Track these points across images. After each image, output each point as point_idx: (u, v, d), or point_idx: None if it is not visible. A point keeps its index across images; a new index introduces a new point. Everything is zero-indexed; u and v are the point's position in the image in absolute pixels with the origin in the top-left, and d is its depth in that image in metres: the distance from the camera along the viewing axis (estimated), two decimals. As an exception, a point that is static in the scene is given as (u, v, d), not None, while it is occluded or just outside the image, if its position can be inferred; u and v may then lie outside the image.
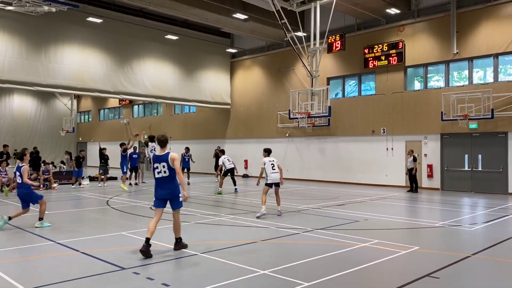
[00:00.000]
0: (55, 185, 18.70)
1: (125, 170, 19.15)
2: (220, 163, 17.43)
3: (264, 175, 11.39)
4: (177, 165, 7.12)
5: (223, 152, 19.30)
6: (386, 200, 14.82)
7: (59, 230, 9.38)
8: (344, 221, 10.45)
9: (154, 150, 17.79)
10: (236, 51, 27.41)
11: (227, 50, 27.18)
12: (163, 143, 7.27)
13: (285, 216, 11.39)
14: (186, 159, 21.29)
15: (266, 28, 22.60)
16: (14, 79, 18.64)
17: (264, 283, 5.72)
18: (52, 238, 8.37)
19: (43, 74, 19.40)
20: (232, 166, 17.29)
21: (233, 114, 27.73)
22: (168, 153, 7.14)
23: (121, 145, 20.02)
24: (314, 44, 18.60)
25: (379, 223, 10.38)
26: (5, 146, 20.07)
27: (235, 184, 17.32)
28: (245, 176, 26.18)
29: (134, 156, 20.44)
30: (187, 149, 21.85)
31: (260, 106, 26.01)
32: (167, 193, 7.23)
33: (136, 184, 20.29)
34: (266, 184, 11.21)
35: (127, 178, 19.52)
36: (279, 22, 18.17)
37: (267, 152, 11.69)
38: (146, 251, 6.84)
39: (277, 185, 11.31)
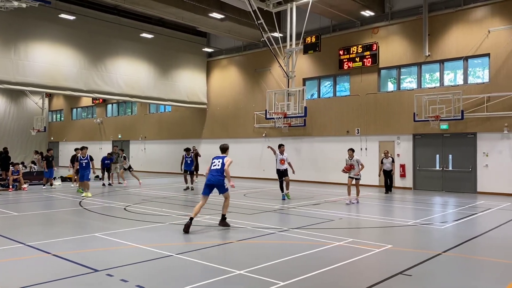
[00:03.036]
0: (25, 185, 18.18)
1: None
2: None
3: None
4: (228, 164, 9.50)
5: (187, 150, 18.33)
6: (360, 200, 15.05)
7: (29, 232, 9.13)
8: (319, 221, 10.56)
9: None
10: (212, 50, 27.30)
11: (203, 49, 27.04)
12: (224, 150, 10.14)
13: (261, 216, 11.43)
14: (189, 161, 18.44)
15: (243, 28, 22.61)
16: (-19, 77, 18.05)
17: (240, 283, 5.72)
18: (22, 240, 8.14)
19: (12, 71, 18.84)
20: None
21: (210, 114, 27.62)
22: (225, 156, 9.86)
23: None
24: (290, 45, 18.73)
25: (353, 222, 10.53)
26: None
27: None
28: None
29: (106, 161, 20.46)
30: (188, 150, 18.72)
31: (236, 106, 25.99)
32: (215, 180, 9.45)
33: (109, 184, 19.98)
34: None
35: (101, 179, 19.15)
36: (256, 23, 18.22)
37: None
38: (186, 226, 8.95)
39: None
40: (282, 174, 14.75)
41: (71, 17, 20.39)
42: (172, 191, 17.81)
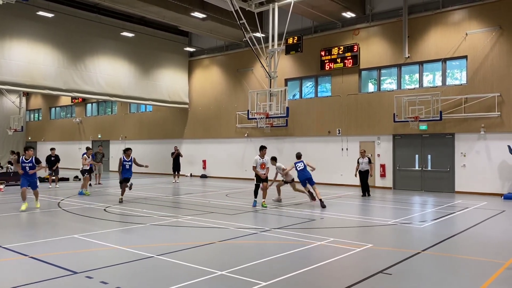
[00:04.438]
0: (1, 186, 17.74)
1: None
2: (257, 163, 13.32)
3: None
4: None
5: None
6: (341, 199, 15.18)
7: (5, 233, 8.91)
8: (300, 220, 10.61)
9: None
10: (194, 50, 27.16)
11: (185, 48, 26.87)
12: (300, 156, 14.04)
13: (243, 216, 11.42)
14: (127, 167, 18.03)
15: (225, 28, 22.55)
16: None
17: (222, 283, 5.70)
18: (-2, 242, 7.93)
19: (-12, 69, 18.36)
20: None
21: (191, 114, 27.46)
22: (303, 160, 13.72)
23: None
24: (273, 45, 18.76)
25: (334, 222, 10.62)
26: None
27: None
28: (203, 176, 26.00)
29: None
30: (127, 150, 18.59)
31: (218, 106, 25.91)
32: (308, 175, 13.49)
33: (90, 185, 19.65)
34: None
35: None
36: (238, 22, 18.18)
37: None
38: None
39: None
40: (259, 178, 13.19)
41: (50, 15, 19.99)
42: (153, 191, 17.63)
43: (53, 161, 19.53)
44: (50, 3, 20.23)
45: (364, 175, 16.34)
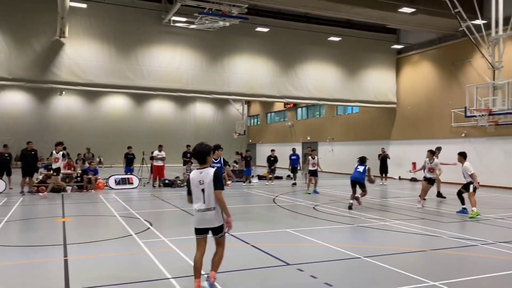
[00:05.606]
0: (229, 182, 20.61)
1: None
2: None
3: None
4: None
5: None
6: None
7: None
8: (536, 235, 8.90)
9: None
10: (402, 46, 25.95)
11: (392, 46, 25.95)
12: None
13: (458, 224, 10.30)
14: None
15: (437, 20, 20.79)
16: (196, 89, 21.28)
17: (435, 295, 5.26)
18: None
19: (219, 83, 21.61)
20: None
21: (399, 114, 26.31)
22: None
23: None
24: (496, 32, 16.37)
25: None
26: (187, 146, 22.69)
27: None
28: (413, 179, 24.55)
29: (293, 157, 21.40)
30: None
31: (429, 104, 24.08)
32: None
33: (294, 184, 20.79)
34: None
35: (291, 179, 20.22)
36: (452, 12, 16.56)
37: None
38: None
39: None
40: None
41: (266, 29, 22.21)
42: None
43: (272, 161, 21.65)
44: (266, 19, 22.47)
45: None
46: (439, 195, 15.48)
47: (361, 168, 13.03)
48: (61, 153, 15.38)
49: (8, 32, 17.70)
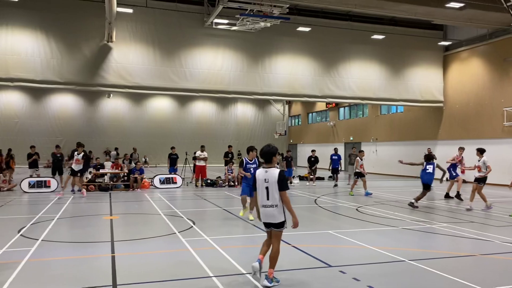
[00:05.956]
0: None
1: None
2: None
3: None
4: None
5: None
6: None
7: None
8: None
9: None
10: (450, 43, 25.00)
11: (439, 43, 25.04)
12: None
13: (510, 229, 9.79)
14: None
15: (487, 14, 19.86)
16: (237, 90, 21.50)
17: (486, 302, 5.03)
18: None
19: (260, 83, 21.71)
20: None
21: (447, 113, 25.34)
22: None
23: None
24: (553, 25, 15.42)
25: None
26: (229, 146, 23.02)
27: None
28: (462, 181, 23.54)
29: (334, 157, 21.08)
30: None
31: (479, 103, 23.04)
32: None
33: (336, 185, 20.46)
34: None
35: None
36: (505, 5, 15.75)
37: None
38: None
39: None
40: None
41: (307, 29, 22.06)
42: (404, 194, 17.12)
43: (313, 161, 21.50)
44: (307, 18, 22.32)
45: None
46: (447, 195, 15.73)
47: (430, 168, 12.89)
48: (81, 154, 15.74)
49: (60, 39, 18.64)
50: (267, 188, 5.56)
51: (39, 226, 9.65)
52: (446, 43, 25.10)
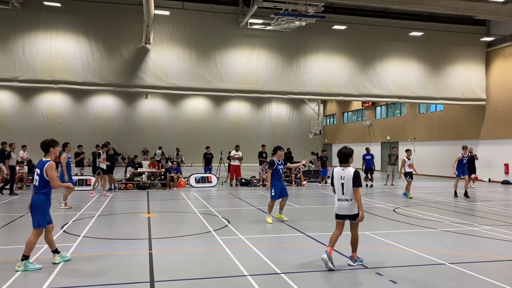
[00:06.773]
0: (304, 182, 20.54)
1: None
2: None
3: None
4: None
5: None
6: None
7: (307, 223, 10.21)
8: None
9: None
10: (493, 39, 24.00)
11: (481, 39, 24.09)
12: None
13: (561, 233, 9.29)
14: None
15: (534, 7, 18.96)
16: (272, 90, 21.51)
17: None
18: (302, 230, 9.20)
19: (295, 83, 21.62)
20: None
21: (490, 111, 24.35)
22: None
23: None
24: None
25: None
26: (263, 146, 23.00)
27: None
28: (505, 182, 22.60)
29: (367, 157, 20.88)
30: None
31: (525, 101, 22.00)
32: None
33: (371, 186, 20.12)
34: None
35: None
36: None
37: None
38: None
39: None
40: None
41: (343, 27, 21.76)
42: (443, 195, 16.59)
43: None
44: (343, 16, 22.02)
45: None
46: (456, 194, 15.78)
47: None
48: (104, 154, 16.08)
49: (101, 42, 19.28)
50: (342, 184, 6.48)
51: (80, 223, 10.03)
52: (489, 39, 24.11)
